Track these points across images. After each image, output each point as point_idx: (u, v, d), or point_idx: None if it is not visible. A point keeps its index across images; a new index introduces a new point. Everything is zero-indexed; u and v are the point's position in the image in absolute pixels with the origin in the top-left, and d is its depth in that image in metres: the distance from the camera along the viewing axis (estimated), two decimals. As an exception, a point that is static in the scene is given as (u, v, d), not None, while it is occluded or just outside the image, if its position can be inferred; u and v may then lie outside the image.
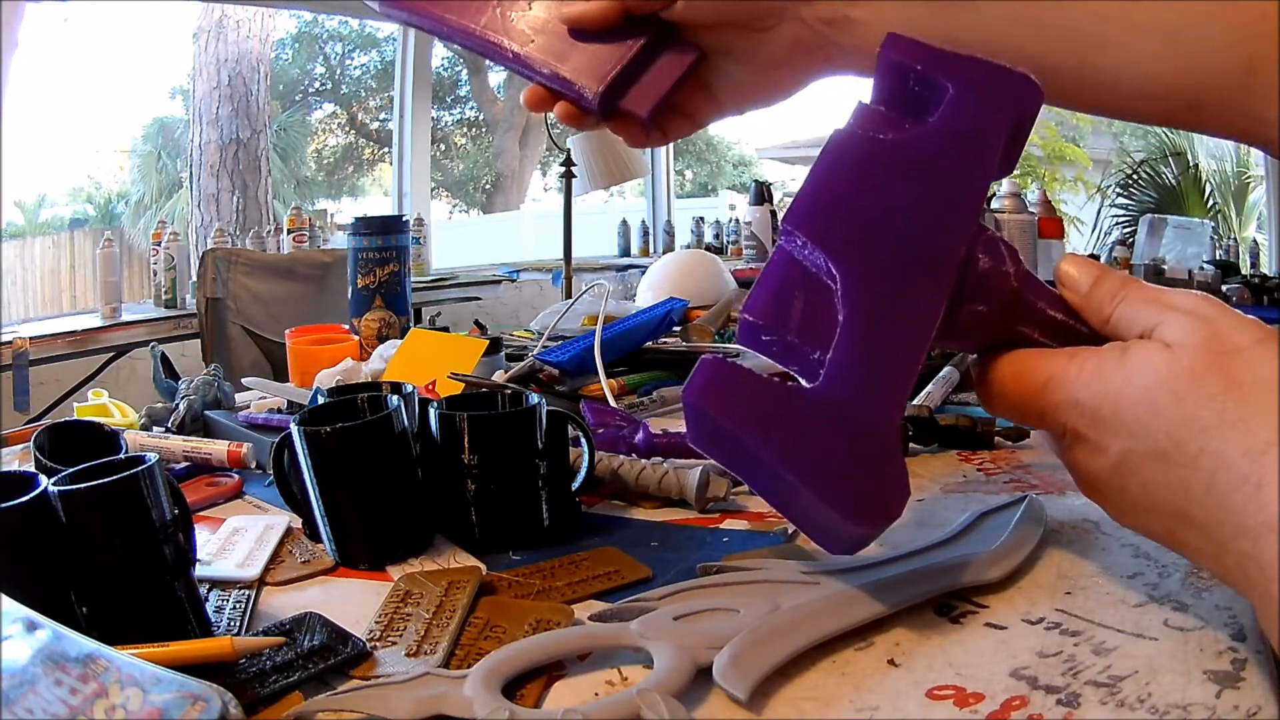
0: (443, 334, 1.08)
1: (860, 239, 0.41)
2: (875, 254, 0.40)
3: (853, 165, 0.43)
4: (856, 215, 0.41)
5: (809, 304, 0.42)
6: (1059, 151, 7.06)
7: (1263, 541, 0.32)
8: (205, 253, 2.66)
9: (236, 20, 5.35)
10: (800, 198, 0.42)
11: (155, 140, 6.92)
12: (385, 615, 0.46)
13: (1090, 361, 0.38)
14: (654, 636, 0.40)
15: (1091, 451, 0.38)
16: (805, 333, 0.41)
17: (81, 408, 0.88)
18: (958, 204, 0.41)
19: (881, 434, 0.39)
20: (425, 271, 3.67)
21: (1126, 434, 0.36)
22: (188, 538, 0.45)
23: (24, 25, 2.85)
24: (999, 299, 0.41)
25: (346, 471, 0.54)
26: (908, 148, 0.42)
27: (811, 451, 0.38)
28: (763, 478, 0.42)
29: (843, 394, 0.39)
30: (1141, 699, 0.36)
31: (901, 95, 0.45)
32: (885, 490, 0.38)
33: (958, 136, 0.42)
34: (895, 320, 0.40)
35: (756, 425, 0.39)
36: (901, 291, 0.40)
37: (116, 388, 1.94)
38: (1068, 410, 0.38)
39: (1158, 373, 0.36)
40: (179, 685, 0.32)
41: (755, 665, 0.38)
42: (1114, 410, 0.37)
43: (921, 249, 0.40)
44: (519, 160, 8.87)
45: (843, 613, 0.42)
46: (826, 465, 0.38)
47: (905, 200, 0.41)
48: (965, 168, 0.42)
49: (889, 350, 0.39)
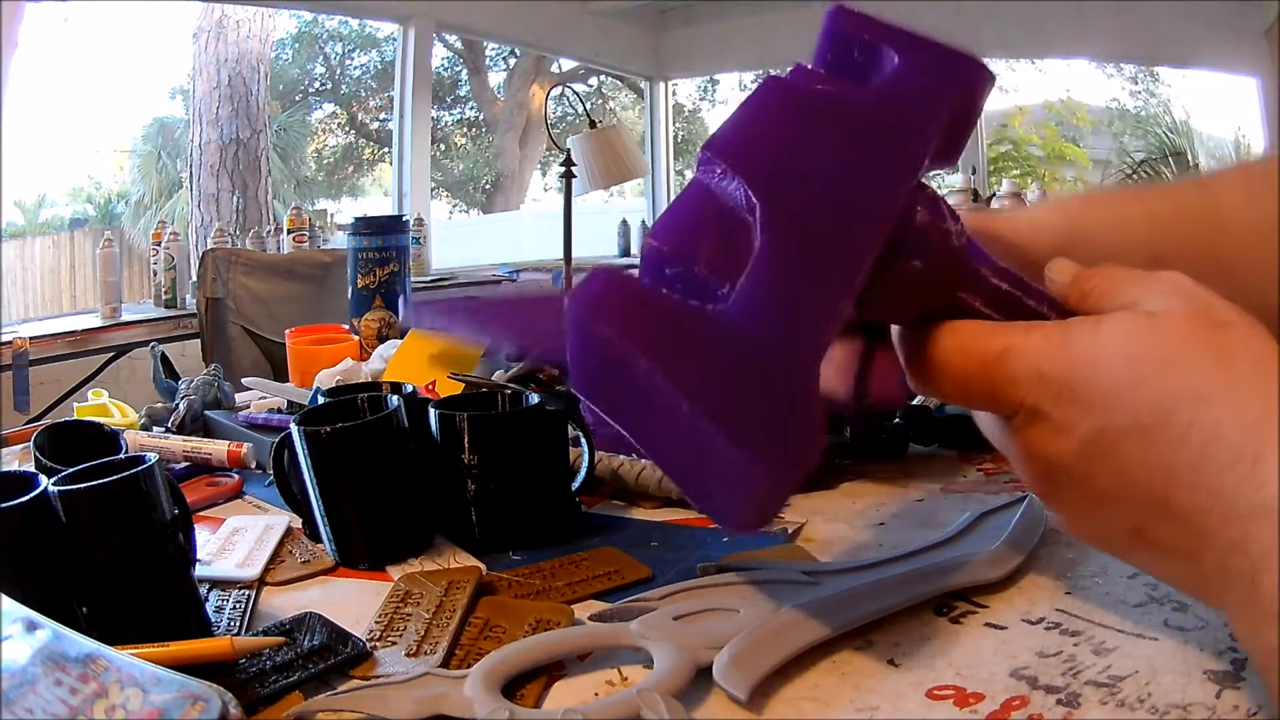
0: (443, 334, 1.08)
1: (784, 172, 0.37)
2: (799, 188, 0.37)
3: (785, 106, 0.40)
4: (782, 149, 0.38)
5: (722, 236, 0.37)
6: (1059, 151, 7.06)
7: (1255, 526, 0.29)
8: (205, 253, 2.66)
9: (236, 20, 5.35)
10: (722, 128, 0.39)
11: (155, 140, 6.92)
12: (385, 615, 0.46)
13: (1056, 332, 0.35)
14: (654, 636, 0.40)
15: (1052, 432, 0.34)
16: (716, 266, 0.37)
17: (81, 408, 0.88)
18: (895, 160, 0.38)
19: (796, 372, 0.35)
20: (425, 271, 3.67)
21: (1102, 408, 0.33)
22: (188, 538, 0.45)
23: (24, 25, 2.85)
24: (938, 256, 0.38)
25: (346, 471, 0.54)
26: (845, 100, 0.40)
27: (719, 381, 0.34)
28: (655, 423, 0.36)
29: (753, 320, 0.35)
30: (1141, 699, 0.36)
31: (844, 63, 0.42)
32: (797, 431, 0.34)
33: (897, 100, 0.40)
34: (816, 254, 0.36)
35: (658, 347, 0.34)
36: (826, 226, 0.37)
37: (116, 388, 1.94)
38: (1028, 384, 0.34)
39: (1142, 340, 0.33)
40: (179, 685, 0.32)
41: (755, 665, 0.38)
42: (1088, 381, 0.33)
43: (850, 192, 0.37)
44: (519, 160, 8.87)
45: (843, 613, 0.42)
46: (734, 396, 0.33)
47: (838, 145, 0.38)
48: (906, 127, 0.39)
49: (808, 283, 0.36)
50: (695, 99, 8.41)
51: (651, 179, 5.59)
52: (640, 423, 0.37)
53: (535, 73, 8.26)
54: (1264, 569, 0.29)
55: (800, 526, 0.57)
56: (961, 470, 0.67)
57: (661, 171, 5.63)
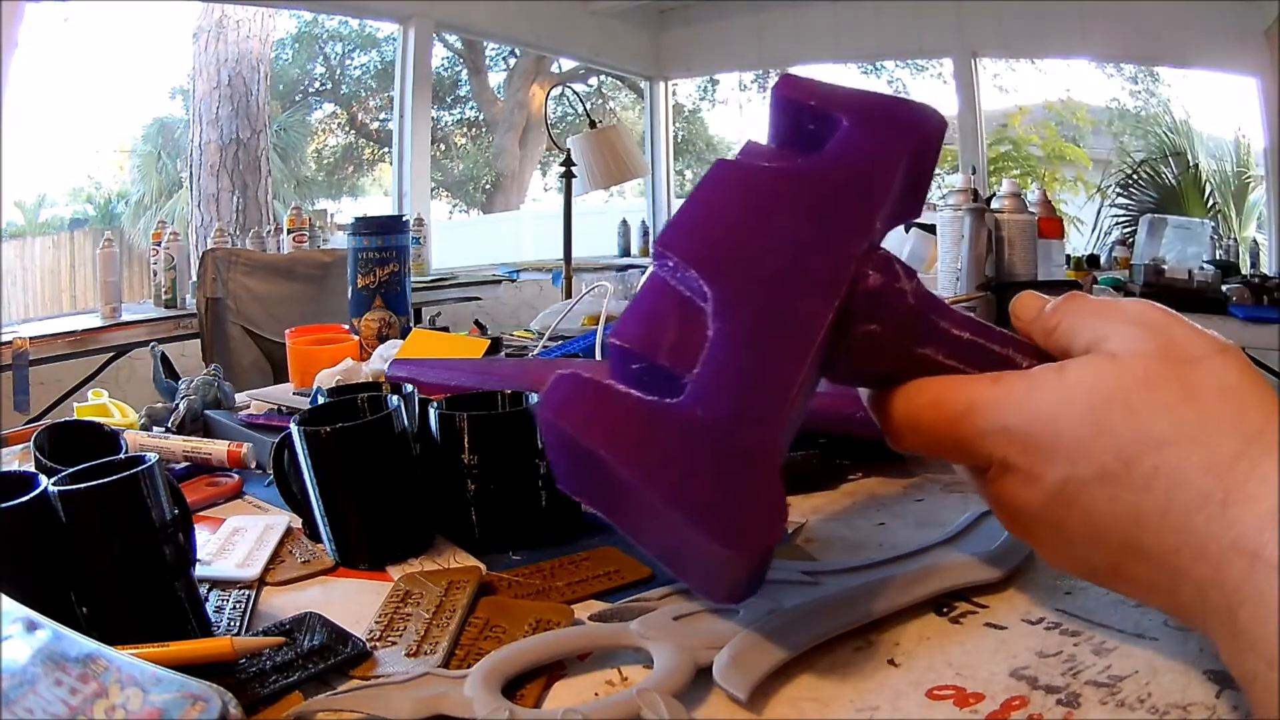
0: (444, 334, 1.08)
1: (734, 256, 0.38)
2: (749, 270, 0.38)
3: (733, 188, 0.41)
4: (731, 235, 0.39)
5: (683, 328, 0.38)
6: (1059, 151, 7.06)
7: (1227, 565, 0.29)
8: (205, 253, 2.66)
9: (236, 20, 5.35)
10: (674, 219, 0.40)
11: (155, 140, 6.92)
12: (385, 615, 0.46)
13: (1019, 384, 0.35)
14: (654, 636, 0.40)
15: (1023, 482, 0.34)
16: (677, 357, 0.38)
17: (81, 408, 0.88)
18: (844, 226, 0.39)
19: (755, 456, 0.35)
20: (425, 271, 3.67)
21: (1066, 459, 0.33)
22: (188, 538, 0.45)
23: (24, 25, 2.85)
24: (894, 317, 0.39)
25: (346, 471, 0.54)
26: (794, 172, 0.41)
27: (684, 471, 0.34)
28: (631, 511, 0.37)
29: (711, 411, 0.35)
30: (1141, 699, 0.36)
31: (797, 134, 0.43)
32: (757, 513, 0.34)
33: (848, 161, 0.41)
34: (769, 334, 0.37)
35: (619, 443, 0.35)
36: (777, 305, 0.37)
37: (116, 388, 1.94)
38: (995, 438, 0.35)
39: (1105, 385, 0.32)
40: (179, 685, 0.32)
41: (755, 665, 0.38)
42: (1051, 433, 0.33)
43: (800, 267, 0.38)
44: (519, 160, 8.87)
45: (843, 613, 0.42)
46: (699, 485, 0.34)
47: (786, 220, 0.39)
48: (855, 191, 0.40)
49: (762, 365, 0.36)
50: (695, 99, 8.41)
51: (651, 179, 5.60)
52: (622, 512, 0.38)
53: (535, 73, 8.26)
54: (1239, 603, 0.29)
55: (800, 526, 0.57)
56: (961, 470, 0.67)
57: (661, 171, 5.63)
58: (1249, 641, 0.29)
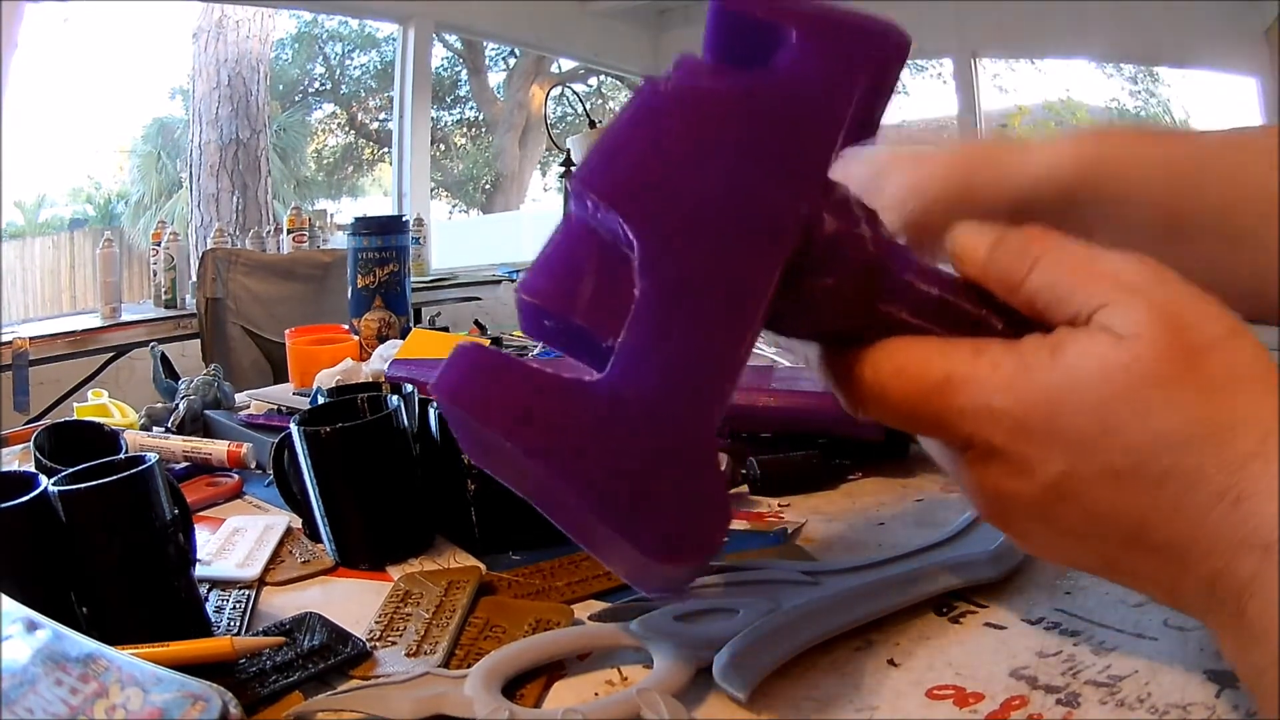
0: (444, 334, 1.08)
1: (664, 197, 0.32)
2: (683, 214, 0.32)
3: (664, 115, 0.34)
4: (661, 171, 0.32)
5: (602, 280, 0.32)
6: (1059, 151, 7.05)
7: (1237, 560, 0.28)
8: (205, 253, 2.65)
9: (236, 20, 5.35)
10: (593, 150, 0.33)
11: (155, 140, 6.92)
12: (385, 615, 0.46)
13: (1007, 359, 0.31)
14: (654, 636, 0.40)
15: (1010, 472, 0.31)
16: (596, 315, 0.31)
17: (81, 408, 0.88)
18: (794, 159, 0.33)
19: (692, 441, 0.30)
20: (425, 271, 3.67)
21: (1067, 453, 0.30)
22: (188, 538, 0.45)
23: (24, 25, 2.85)
24: (851, 269, 0.33)
25: (346, 471, 0.54)
26: (735, 95, 0.34)
27: (599, 467, 0.29)
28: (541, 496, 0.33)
29: (639, 388, 0.30)
30: (1141, 699, 0.36)
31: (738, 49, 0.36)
32: (695, 518, 0.30)
33: (798, 83, 0.34)
34: (707, 294, 0.31)
35: (522, 430, 0.29)
36: (716, 259, 0.31)
37: (116, 388, 1.94)
38: (977, 418, 0.31)
39: (1113, 378, 0.29)
40: (179, 685, 0.32)
41: (755, 665, 0.38)
42: (1048, 423, 0.30)
43: (743, 210, 0.32)
44: (519, 160, 8.86)
45: (843, 613, 0.42)
46: (617, 484, 0.29)
47: (728, 154, 0.33)
48: (806, 118, 0.34)
49: (699, 332, 0.31)
50: (695, 99, 8.38)
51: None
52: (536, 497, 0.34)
53: (535, 73, 8.25)
54: (1249, 595, 0.28)
55: (800, 526, 0.57)
56: (961, 470, 0.67)
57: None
58: (1257, 634, 0.28)
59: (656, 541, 0.29)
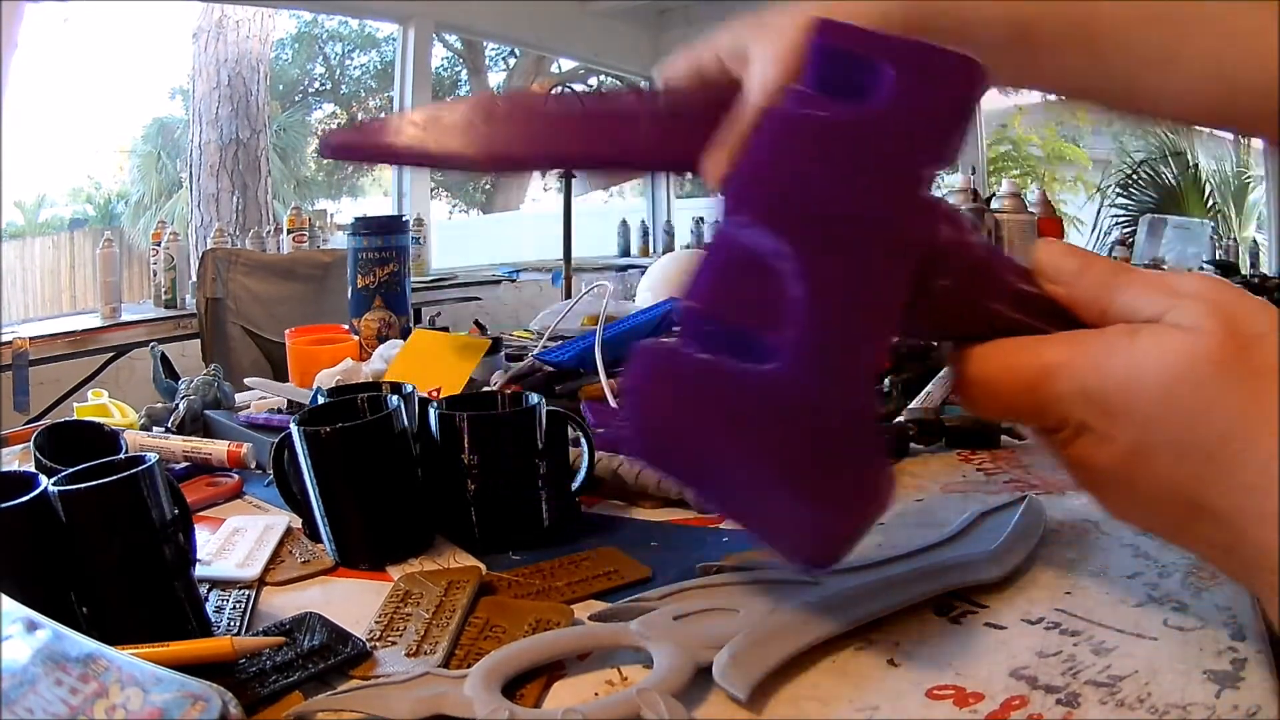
0: (445, 334, 1.08)
1: (810, 214, 0.37)
2: (828, 228, 0.37)
3: (794, 139, 0.39)
4: (804, 191, 0.38)
5: (757, 287, 0.37)
6: (1059, 151, 7.06)
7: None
8: (205, 253, 2.66)
9: (236, 20, 5.35)
10: (738, 174, 0.39)
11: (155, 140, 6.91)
12: (385, 615, 0.46)
13: (1094, 345, 0.35)
14: (654, 636, 0.40)
15: (1097, 442, 0.35)
16: (755, 317, 0.37)
17: (81, 408, 0.88)
18: (911, 178, 0.38)
19: (856, 418, 0.35)
20: (425, 271, 3.67)
21: (1139, 424, 0.34)
22: (188, 538, 0.45)
23: (24, 25, 2.85)
24: (964, 271, 0.38)
25: (346, 471, 0.54)
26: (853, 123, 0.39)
27: (784, 442, 0.34)
28: (720, 483, 0.37)
29: (807, 378, 0.35)
30: (1141, 699, 0.36)
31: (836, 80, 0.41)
32: (867, 482, 0.35)
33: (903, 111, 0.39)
34: (855, 296, 0.36)
35: (718, 417, 0.34)
36: (860, 265, 0.37)
37: (116, 388, 1.94)
38: (1072, 401, 0.35)
39: (1175, 359, 0.33)
40: (179, 685, 0.32)
41: (755, 665, 0.38)
42: (1125, 398, 0.34)
43: (876, 221, 0.37)
44: (519, 160, 8.85)
45: (843, 613, 0.42)
46: (803, 456, 0.34)
47: (855, 174, 0.38)
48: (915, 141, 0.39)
49: (850, 327, 0.36)
50: (695, 99, 8.39)
51: (652, 179, 5.59)
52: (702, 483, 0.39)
53: (535, 73, 8.25)
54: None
55: (800, 526, 0.57)
56: (961, 470, 0.67)
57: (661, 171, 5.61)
58: None
59: (836, 505, 0.34)
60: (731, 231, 0.39)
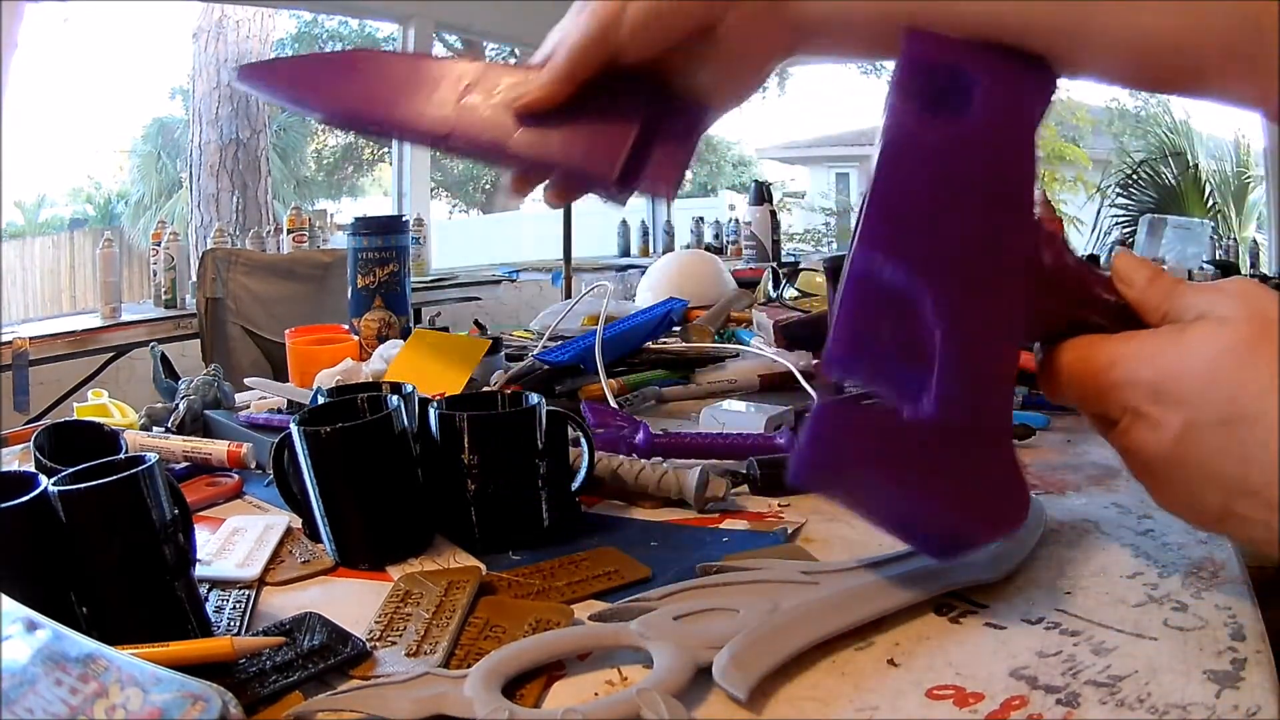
0: (446, 334, 1.08)
1: (940, 250, 0.40)
2: (957, 264, 0.40)
3: (913, 172, 0.41)
4: (929, 223, 0.40)
5: (895, 323, 0.40)
6: (1059, 151, 7.06)
7: None
8: (205, 253, 2.65)
9: (236, 20, 5.35)
10: (871, 213, 0.40)
11: (155, 140, 6.92)
12: (385, 615, 0.46)
13: (1150, 342, 0.40)
14: (654, 636, 0.40)
15: (1152, 427, 0.39)
16: (897, 353, 0.40)
17: (81, 408, 0.88)
18: (1017, 196, 0.41)
19: (1002, 445, 0.40)
20: (425, 271, 3.67)
21: (1189, 405, 0.38)
22: (188, 538, 0.45)
23: (24, 25, 2.85)
24: (1066, 292, 0.42)
25: (346, 471, 0.54)
26: (961, 147, 0.41)
27: (946, 478, 0.39)
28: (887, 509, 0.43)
29: (958, 415, 0.39)
30: (1141, 699, 0.36)
31: (928, 92, 0.42)
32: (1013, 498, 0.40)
33: (1002, 128, 0.41)
34: (990, 330, 0.40)
35: (888, 465, 0.39)
36: (989, 298, 0.40)
37: (116, 388, 1.94)
38: (1128, 389, 0.39)
39: (1217, 344, 0.38)
40: (179, 685, 0.32)
41: (755, 665, 0.38)
42: (1175, 383, 0.38)
43: (996, 251, 0.40)
44: (519, 160, 8.85)
45: (843, 613, 0.42)
46: (961, 488, 0.39)
47: (971, 199, 0.40)
48: (1015, 159, 0.41)
49: (990, 361, 0.40)
50: (695, 99, 8.39)
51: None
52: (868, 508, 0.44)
53: (535, 73, 8.24)
54: None
55: (800, 526, 0.57)
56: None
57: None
58: None
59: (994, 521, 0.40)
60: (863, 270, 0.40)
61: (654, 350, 1.09)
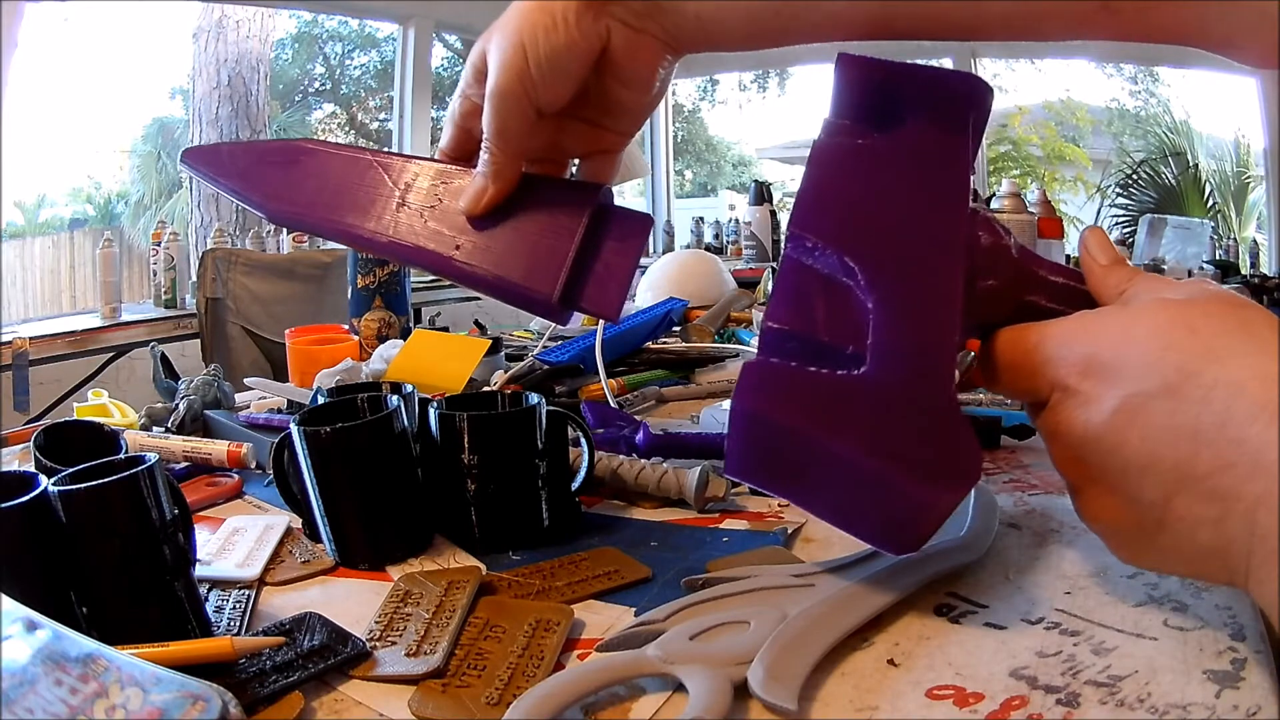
0: (446, 334, 1.08)
1: (869, 233, 0.42)
2: (886, 244, 0.42)
3: (843, 168, 0.44)
4: (859, 213, 0.43)
5: (831, 303, 0.42)
6: (1059, 151, 7.06)
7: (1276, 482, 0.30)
8: (205, 253, 2.65)
9: (236, 20, 5.35)
10: (802, 203, 0.43)
11: (155, 140, 6.91)
12: (385, 615, 0.46)
13: (1089, 318, 0.38)
14: (678, 660, 0.39)
15: (1080, 404, 0.36)
16: (833, 331, 0.42)
17: (81, 408, 0.88)
18: (949, 192, 0.43)
19: (942, 406, 0.39)
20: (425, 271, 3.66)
21: (1129, 376, 0.35)
22: (188, 538, 0.45)
23: (24, 25, 2.85)
24: (1005, 271, 0.43)
25: (346, 471, 0.54)
26: (892, 148, 0.45)
27: (887, 433, 0.38)
28: (824, 484, 0.41)
29: (896, 375, 0.39)
30: (1141, 699, 0.36)
31: (864, 109, 0.46)
32: (963, 454, 0.39)
33: (933, 135, 0.44)
34: (922, 300, 0.41)
35: (825, 419, 0.39)
36: (921, 273, 0.41)
37: (116, 388, 1.94)
38: (1056, 364, 0.38)
39: (1169, 312, 0.35)
40: (179, 685, 0.32)
41: (792, 673, 0.37)
42: (1116, 353, 0.35)
43: (929, 233, 0.42)
44: (519, 160, 8.85)
45: (851, 611, 0.42)
46: (904, 443, 0.38)
47: (901, 193, 0.43)
48: (945, 159, 0.44)
49: (926, 328, 0.40)
50: (695, 99, 8.41)
51: (651, 179, 5.59)
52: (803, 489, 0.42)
53: (535, 73, 8.23)
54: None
55: (800, 526, 0.57)
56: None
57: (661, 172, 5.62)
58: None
59: (937, 479, 0.38)
60: (796, 255, 0.43)
61: (654, 350, 1.09)
